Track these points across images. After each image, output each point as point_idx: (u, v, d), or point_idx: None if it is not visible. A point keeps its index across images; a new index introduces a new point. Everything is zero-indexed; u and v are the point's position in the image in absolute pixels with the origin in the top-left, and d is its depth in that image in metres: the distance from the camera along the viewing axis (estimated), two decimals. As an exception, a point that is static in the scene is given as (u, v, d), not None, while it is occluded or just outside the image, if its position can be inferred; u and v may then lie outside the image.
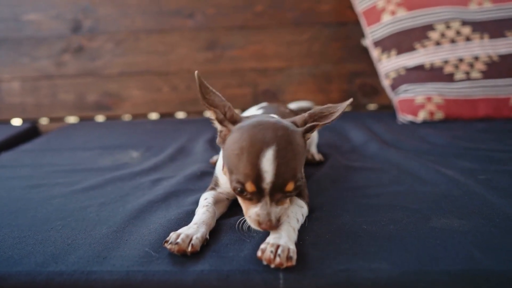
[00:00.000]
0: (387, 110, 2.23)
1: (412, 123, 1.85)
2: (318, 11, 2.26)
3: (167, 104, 2.36)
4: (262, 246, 0.73)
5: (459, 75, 1.83)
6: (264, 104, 1.39)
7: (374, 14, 2.01)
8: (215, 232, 0.85)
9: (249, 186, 0.76)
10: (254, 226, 0.78)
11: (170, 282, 0.70)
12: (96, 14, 2.30)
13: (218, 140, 0.87)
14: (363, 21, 2.07)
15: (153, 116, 2.41)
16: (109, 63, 2.33)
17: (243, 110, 1.70)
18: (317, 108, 0.89)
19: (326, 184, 1.12)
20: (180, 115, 2.41)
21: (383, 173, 1.20)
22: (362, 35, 2.18)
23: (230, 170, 0.80)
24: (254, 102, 2.09)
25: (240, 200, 0.82)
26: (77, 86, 2.35)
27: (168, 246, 0.76)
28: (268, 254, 0.70)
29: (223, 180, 0.97)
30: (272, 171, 0.74)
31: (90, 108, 2.37)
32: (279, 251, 0.70)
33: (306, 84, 2.31)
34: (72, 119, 2.41)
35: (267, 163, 0.74)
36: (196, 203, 0.96)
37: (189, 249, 0.75)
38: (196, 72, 0.84)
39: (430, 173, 1.17)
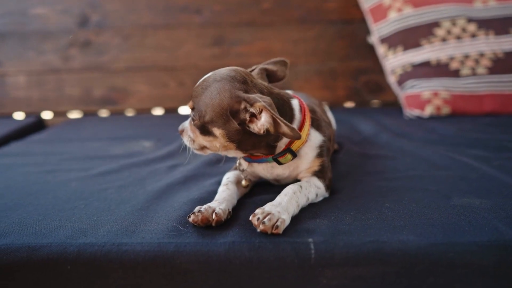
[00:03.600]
0: (392, 106, 2.25)
1: (419, 117, 1.87)
2: (324, 9, 2.29)
3: (174, 99, 2.36)
4: (256, 210, 0.76)
5: (465, 71, 1.85)
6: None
7: (381, 11, 2.04)
8: (240, 209, 0.86)
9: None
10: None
11: (202, 252, 0.71)
12: (103, 9, 2.30)
13: None
14: (369, 19, 2.10)
15: (157, 111, 2.41)
16: (116, 58, 2.33)
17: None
18: None
19: (344, 170, 1.13)
20: (186, 110, 2.41)
21: (397, 160, 1.22)
22: (367, 33, 2.20)
23: None
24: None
25: None
26: (83, 80, 2.35)
27: (192, 217, 0.77)
28: (255, 219, 0.74)
29: (245, 163, 0.98)
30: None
31: (96, 103, 2.37)
32: (266, 219, 0.73)
33: (312, 81, 2.33)
34: (77, 113, 2.41)
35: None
36: (216, 185, 0.97)
37: (213, 217, 0.76)
38: None
39: (444, 159, 1.18)
